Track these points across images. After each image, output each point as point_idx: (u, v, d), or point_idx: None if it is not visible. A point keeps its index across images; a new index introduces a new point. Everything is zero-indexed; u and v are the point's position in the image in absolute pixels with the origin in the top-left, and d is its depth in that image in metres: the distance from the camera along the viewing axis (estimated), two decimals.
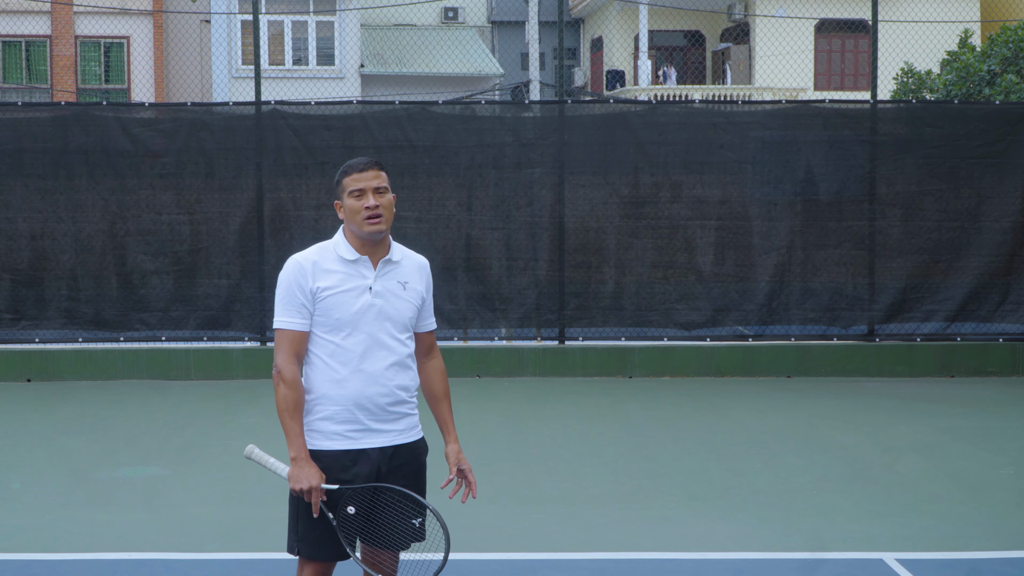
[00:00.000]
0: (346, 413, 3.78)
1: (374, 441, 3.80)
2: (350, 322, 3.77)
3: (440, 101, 11.74)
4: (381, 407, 3.80)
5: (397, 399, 3.82)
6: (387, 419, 3.81)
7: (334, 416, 3.78)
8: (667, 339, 11.49)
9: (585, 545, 5.96)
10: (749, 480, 7.31)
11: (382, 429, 3.81)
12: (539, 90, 20.20)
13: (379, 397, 3.79)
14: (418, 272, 3.95)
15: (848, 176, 11.44)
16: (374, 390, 3.78)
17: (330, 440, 3.78)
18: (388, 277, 3.86)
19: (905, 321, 11.52)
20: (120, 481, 7.32)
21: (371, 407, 3.79)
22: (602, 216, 11.43)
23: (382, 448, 3.81)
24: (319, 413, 3.80)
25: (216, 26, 24.52)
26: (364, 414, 3.78)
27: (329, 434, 3.78)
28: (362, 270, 3.83)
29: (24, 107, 11.60)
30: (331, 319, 3.78)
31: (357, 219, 3.80)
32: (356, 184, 3.81)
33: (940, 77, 17.77)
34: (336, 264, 3.82)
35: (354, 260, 3.83)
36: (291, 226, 11.33)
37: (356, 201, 3.81)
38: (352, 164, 3.86)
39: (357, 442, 3.78)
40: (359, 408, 3.77)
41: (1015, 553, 5.82)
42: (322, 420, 3.79)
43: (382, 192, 3.83)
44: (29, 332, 11.30)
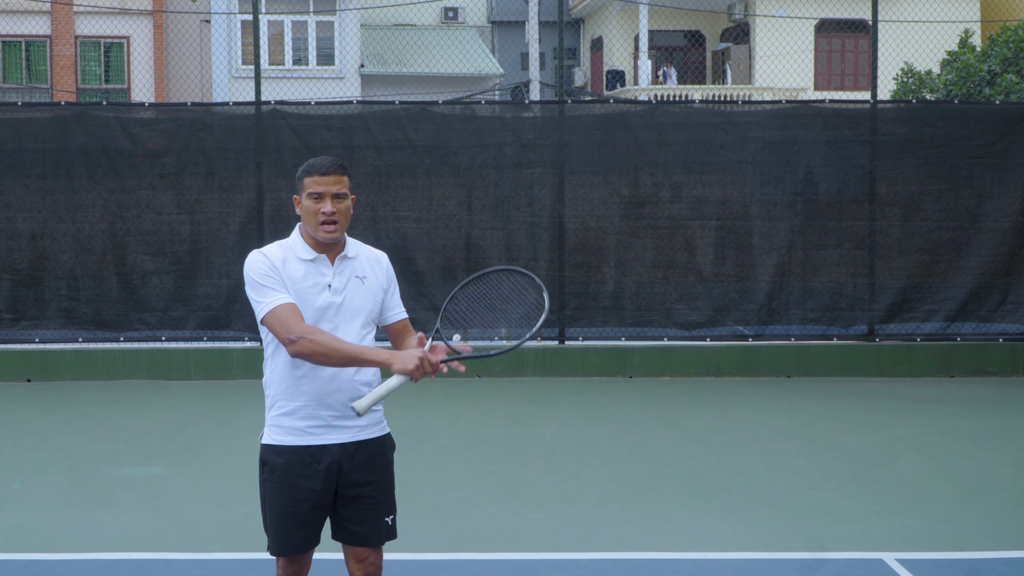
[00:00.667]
0: (307, 409, 3.78)
1: (335, 437, 3.80)
2: (311, 319, 3.76)
3: (440, 101, 11.75)
4: (343, 403, 3.78)
5: (358, 394, 3.79)
6: (349, 415, 3.80)
7: (295, 412, 3.79)
8: (667, 339, 11.49)
9: (585, 545, 5.96)
10: (749, 480, 7.31)
11: (344, 425, 3.80)
12: (539, 90, 20.21)
13: (340, 393, 3.78)
14: (376, 265, 3.96)
15: (848, 176, 11.44)
16: (335, 386, 3.77)
17: (290, 435, 3.79)
18: (345, 273, 3.87)
19: (905, 321, 11.52)
20: (120, 481, 7.32)
21: (332, 403, 3.78)
22: (602, 216, 11.43)
23: (343, 444, 3.81)
24: (280, 409, 3.81)
25: (216, 26, 24.52)
26: (325, 410, 3.78)
27: (290, 429, 3.79)
28: (321, 268, 3.85)
29: (24, 107, 11.60)
30: None
31: (312, 221, 3.83)
32: (316, 187, 3.81)
33: (940, 77, 17.77)
34: (295, 262, 3.85)
35: (312, 259, 3.85)
36: (291, 226, 11.14)
37: (314, 203, 3.82)
38: (315, 165, 3.84)
39: (318, 438, 3.78)
40: (320, 405, 3.77)
41: (1015, 553, 5.82)
42: (283, 416, 3.80)
43: (341, 198, 3.83)
44: (29, 332, 11.30)
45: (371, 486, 3.87)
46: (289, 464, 3.78)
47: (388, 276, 4.00)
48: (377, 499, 3.88)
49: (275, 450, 3.80)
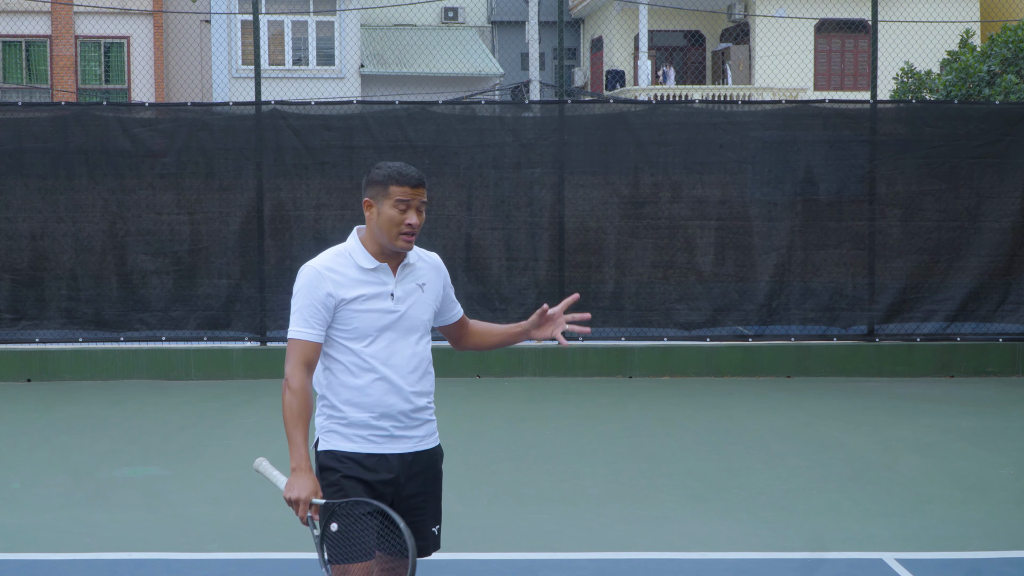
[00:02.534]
0: (371, 420, 3.69)
1: (396, 447, 3.72)
2: (372, 330, 3.68)
3: (440, 101, 11.74)
4: (404, 413, 3.71)
5: (418, 406, 3.74)
6: (409, 426, 3.72)
7: (357, 422, 3.69)
8: (667, 339, 11.49)
9: (585, 545, 5.96)
10: (749, 480, 7.31)
11: (404, 435, 3.73)
12: (539, 90, 20.22)
13: (401, 403, 3.70)
14: (435, 271, 3.85)
15: (848, 176, 11.43)
16: (396, 397, 3.69)
17: (351, 442, 3.69)
18: (407, 281, 3.76)
19: (905, 321, 11.51)
20: (120, 481, 7.32)
21: (394, 414, 3.70)
22: (602, 216, 11.42)
23: (402, 455, 3.73)
24: (342, 420, 3.71)
25: (216, 26, 24.52)
26: (387, 421, 3.70)
27: (350, 436, 3.69)
28: (382, 277, 3.72)
29: (24, 107, 11.60)
30: (351, 327, 3.68)
31: (392, 231, 3.67)
32: (404, 196, 3.66)
33: (940, 77, 17.77)
34: (355, 272, 3.69)
35: (374, 268, 3.71)
36: (291, 226, 11.33)
37: (399, 213, 3.66)
38: (405, 174, 3.69)
39: (379, 446, 3.70)
40: (383, 416, 3.69)
41: (1015, 553, 5.82)
42: (344, 426, 3.70)
43: (422, 210, 3.72)
44: (29, 332, 11.30)
45: (422, 497, 3.79)
46: (347, 466, 3.68)
47: (444, 278, 3.91)
48: (425, 510, 3.80)
49: (334, 455, 3.70)
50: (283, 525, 6.22)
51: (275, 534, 6.09)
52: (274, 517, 6.39)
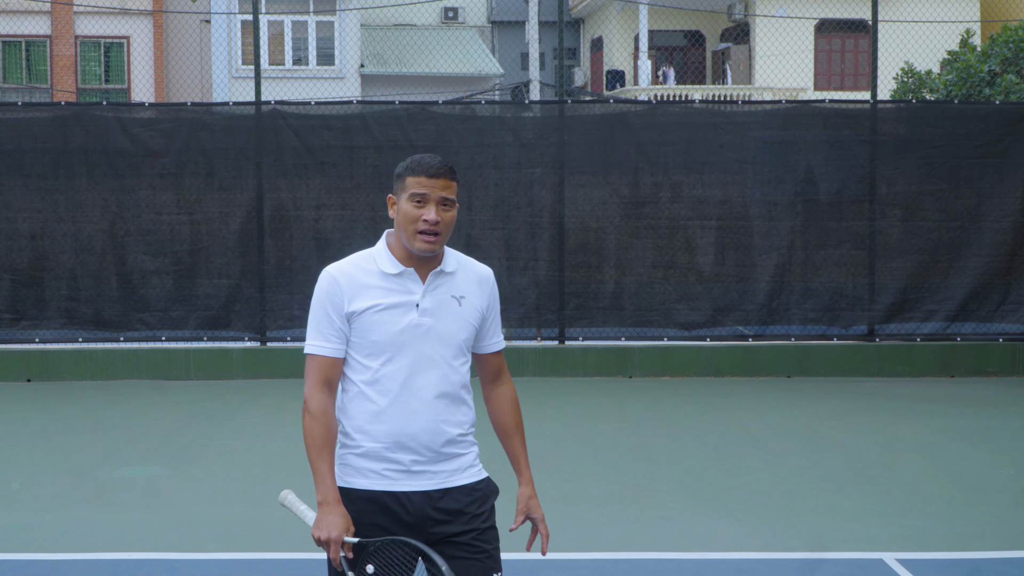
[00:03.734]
0: (384, 451, 3.19)
1: (416, 484, 3.20)
2: (391, 345, 3.18)
3: (440, 101, 11.74)
4: (425, 446, 3.20)
5: (446, 437, 3.23)
6: (434, 460, 3.22)
7: (370, 453, 3.20)
8: (667, 339, 11.49)
9: (585, 545, 5.96)
10: (749, 480, 7.31)
11: (427, 471, 3.21)
12: (539, 90, 20.20)
13: (423, 434, 3.19)
14: (478, 285, 3.33)
15: (848, 176, 11.43)
16: (418, 426, 3.19)
17: (365, 477, 3.20)
18: (440, 291, 3.25)
19: (905, 321, 11.51)
20: (120, 481, 7.32)
21: (414, 445, 3.19)
22: (602, 216, 11.42)
23: (427, 492, 3.21)
24: (355, 449, 3.22)
25: (216, 26, 24.52)
26: (405, 453, 3.19)
27: (364, 471, 3.20)
28: (408, 284, 3.23)
29: (24, 107, 11.60)
30: (367, 341, 3.20)
31: (409, 229, 3.21)
32: (420, 188, 3.20)
33: (940, 77, 17.77)
34: (376, 278, 3.23)
35: (398, 273, 3.23)
36: (291, 226, 11.33)
37: (415, 208, 3.21)
38: (423, 163, 3.24)
39: (396, 483, 3.19)
40: (399, 447, 3.18)
41: (1015, 553, 5.82)
42: (357, 456, 3.22)
43: (448, 205, 3.24)
44: (29, 332, 11.30)
45: (467, 536, 3.25)
46: (362, 512, 3.18)
47: (491, 298, 3.37)
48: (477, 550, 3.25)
49: (346, 494, 3.18)
50: (283, 525, 6.22)
51: (275, 534, 6.09)
52: (274, 517, 6.39)
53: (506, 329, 11.56)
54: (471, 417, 3.33)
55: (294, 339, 11.36)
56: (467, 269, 3.35)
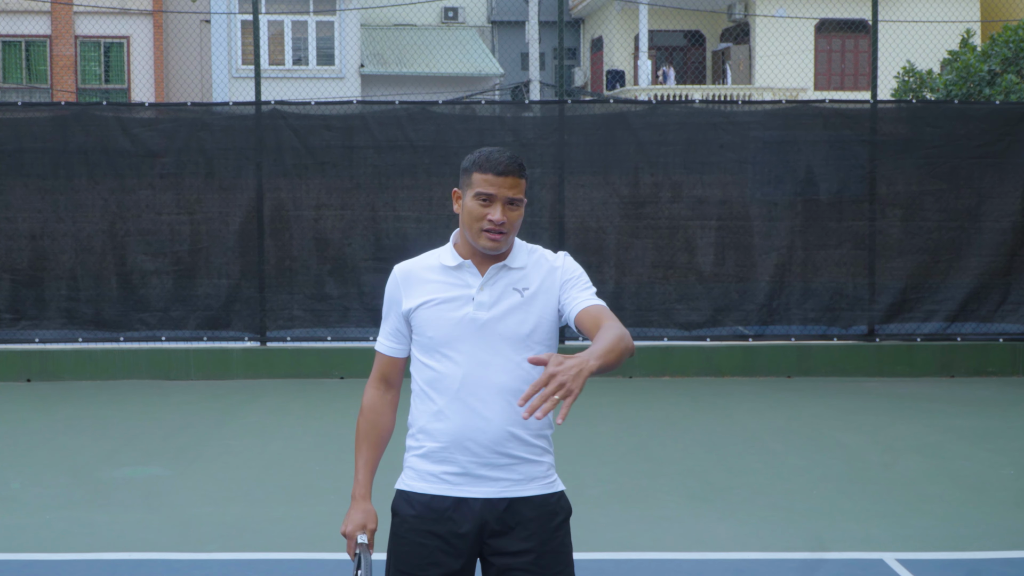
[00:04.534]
0: (443, 452, 3.07)
1: (478, 490, 3.05)
2: (447, 342, 3.06)
3: (440, 101, 11.74)
4: (487, 448, 3.04)
5: (511, 439, 3.06)
6: (496, 464, 3.06)
7: (431, 455, 3.09)
8: (667, 339, 11.49)
9: (585, 545, 5.95)
10: (749, 480, 7.31)
11: (489, 476, 3.05)
12: (539, 90, 20.21)
13: (484, 436, 3.04)
14: (548, 274, 3.13)
15: (848, 176, 11.43)
16: (478, 425, 3.03)
17: (424, 481, 3.10)
18: (500, 284, 3.09)
19: (905, 321, 11.51)
20: (120, 481, 7.32)
21: (474, 447, 3.04)
22: (602, 216, 11.42)
23: (488, 500, 3.05)
24: (416, 450, 3.13)
25: (216, 26, 24.52)
26: (465, 455, 3.05)
27: (424, 474, 3.10)
28: (466, 277, 3.10)
29: (24, 107, 11.60)
30: (425, 338, 3.10)
31: (474, 227, 3.07)
32: (487, 187, 3.06)
33: (941, 77, 17.77)
34: (435, 272, 3.13)
35: (456, 266, 3.11)
36: (291, 226, 11.32)
37: (480, 207, 3.07)
38: (491, 159, 3.09)
39: (455, 488, 3.06)
40: (458, 447, 3.05)
41: (1015, 553, 5.82)
42: (418, 458, 3.12)
43: (515, 205, 3.07)
44: (29, 332, 11.30)
45: (528, 556, 3.04)
46: (420, 517, 3.07)
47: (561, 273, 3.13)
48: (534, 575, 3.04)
49: (406, 497, 3.12)
50: (283, 525, 6.23)
51: (275, 534, 6.09)
52: (274, 517, 6.40)
53: None
54: (546, 421, 3.14)
55: (294, 339, 11.36)
56: (538, 263, 3.16)
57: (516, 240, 3.17)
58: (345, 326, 11.29)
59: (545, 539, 3.07)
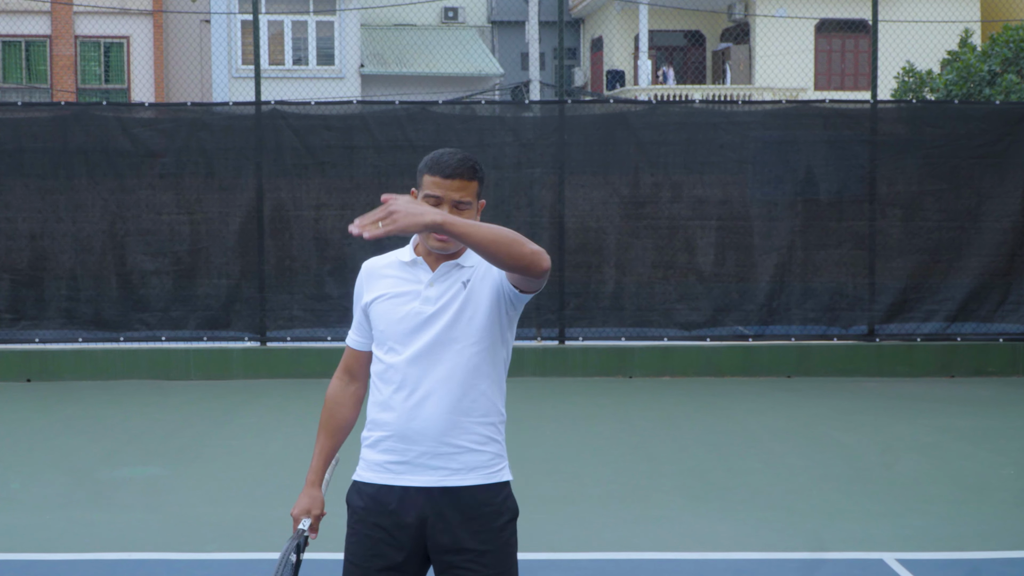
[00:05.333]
0: (388, 442, 3.17)
1: (419, 479, 3.14)
2: (393, 335, 3.17)
3: (440, 101, 11.74)
4: (428, 437, 3.13)
5: (451, 427, 3.14)
6: (438, 454, 3.14)
7: (377, 444, 3.20)
8: (667, 339, 11.49)
9: (585, 545, 5.96)
10: (749, 480, 7.31)
11: (430, 465, 3.14)
12: (539, 90, 20.20)
13: (424, 425, 3.13)
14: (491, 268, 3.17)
15: (848, 176, 11.43)
16: (420, 415, 3.13)
17: (372, 471, 3.21)
18: (449, 279, 3.17)
19: (905, 321, 11.51)
20: (120, 481, 7.31)
21: (416, 437, 3.13)
22: (602, 216, 11.42)
23: (427, 489, 3.13)
24: (367, 440, 3.24)
25: (216, 26, 24.51)
26: (408, 444, 3.14)
27: (371, 464, 3.21)
28: (418, 273, 3.19)
29: (24, 107, 11.60)
30: (377, 331, 3.22)
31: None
32: (435, 190, 3.12)
33: (941, 77, 17.77)
34: (393, 268, 3.23)
35: (410, 262, 3.20)
36: (291, 226, 11.32)
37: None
38: (439, 162, 3.14)
39: (398, 476, 3.16)
40: (401, 437, 3.15)
41: (1015, 553, 5.82)
42: (367, 447, 3.24)
43: (463, 207, 3.11)
44: (29, 332, 11.30)
45: (469, 555, 3.09)
46: (367, 509, 3.17)
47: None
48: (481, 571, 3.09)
49: (357, 488, 3.23)
50: (283, 525, 6.22)
51: (275, 534, 6.09)
52: (274, 517, 6.39)
53: None
54: (486, 408, 3.24)
55: (294, 339, 11.36)
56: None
57: None
58: (345, 326, 11.19)
59: (488, 538, 3.12)
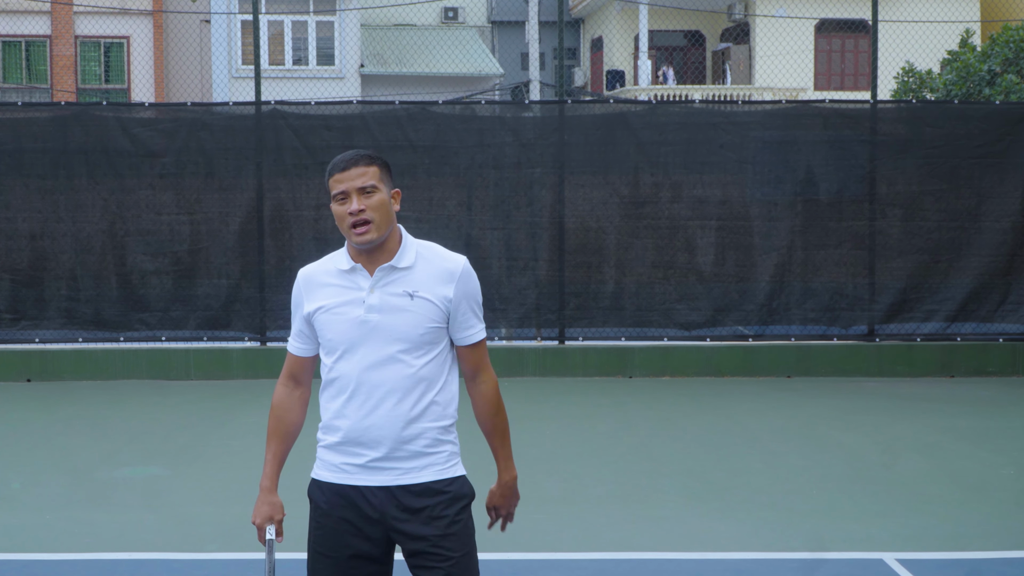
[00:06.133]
0: (344, 446, 3.30)
1: (376, 479, 3.27)
2: (342, 343, 3.27)
3: (440, 101, 11.74)
4: (381, 442, 3.26)
5: (405, 433, 3.27)
6: (392, 456, 3.27)
7: (333, 447, 3.33)
8: (667, 339, 11.49)
9: (585, 545, 5.96)
10: (749, 480, 7.31)
11: (383, 467, 3.26)
12: (539, 90, 20.19)
13: (378, 430, 3.25)
14: (440, 277, 3.29)
15: (848, 176, 11.43)
16: (373, 421, 3.26)
17: (329, 471, 3.34)
18: (390, 287, 3.26)
19: (905, 321, 11.51)
20: (120, 481, 7.32)
21: (368, 441, 3.26)
22: (602, 216, 11.42)
23: (387, 488, 3.26)
24: (322, 441, 3.37)
25: (216, 26, 24.52)
26: (362, 448, 3.27)
27: (329, 465, 3.34)
28: (358, 280, 3.28)
29: (24, 107, 11.60)
30: (325, 339, 3.33)
31: (343, 227, 3.25)
32: (338, 186, 3.23)
33: (940, 77, 17.77)
34: (332, 276, 3.31)
35: (349, 269, 3.29)
36: (291, 226, 11.32)
37: (340, 206, 3.24)
38: (334, 164, 3.26)
39: (355, 477, 3.28)
40: (354, 442, 3.28)
41: (1015, 553, 5.81)
42: (325, 449, 3.37)
43: (370, 192, 3.22)
44: (29, 332, 11.30)
45: (429, 541, 3.25)
46: (331, 504, 3.31)
47: (460, 289, 3.31)
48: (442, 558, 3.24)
49: (318, 485, 3.37)
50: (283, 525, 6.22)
51: None
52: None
53: (506, 329, 11.56)
54: (441, 413, 3.38)
55: None
56: (429, 261, 3.31)
57: (406, 238, 3.33)
58: None
59: (444, 524, 3.27)
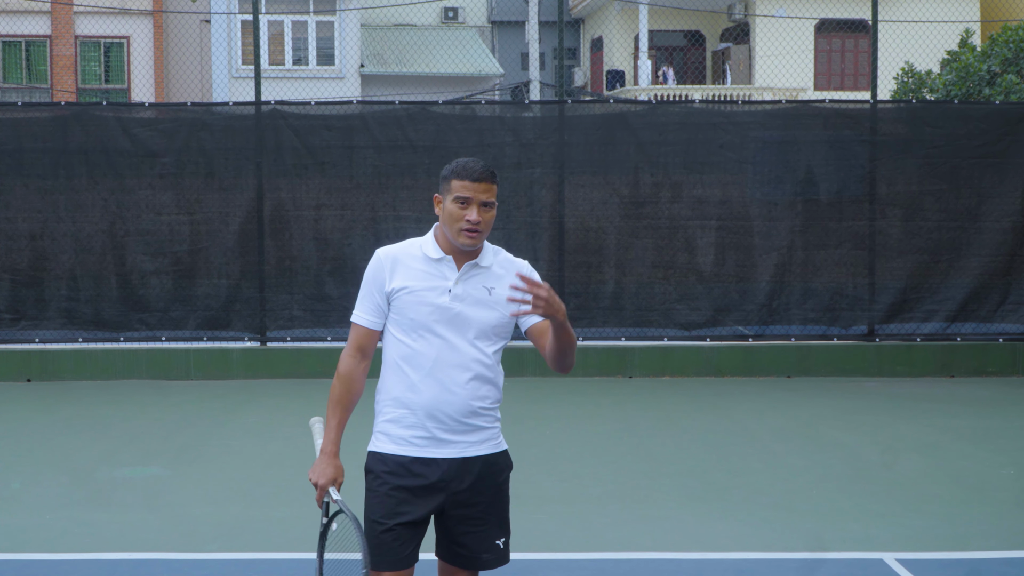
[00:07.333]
0: (413, 419, 3.60)
1: (441, 451, 3.61)
2: (424, 325, 3.59)
3: (440, 101, 11.74)
4: (451, 417, 3.60)
5: (470, 410, 3.62)
6: (458, 430, 3.62)
7: (401, 420, 3.62)
8: (667, 339, 11.49)
9: (585, 545, 5.96)
10: (749, 480, 7.31)
11: (450, 440, 3.62)
12: (539, 90, 20.21)
13: (449, 407, 3.59)
14: (512, 278, 3.60)
15: (848, 176, 11.43)
16: (446, 398, 3.59)
17: (396, 444, 3.62)
18: (472, 281, 3.63)
19: (905, 321, 11.51)
20: (120, 481, 7.32)
21: (441, 417, 3.60)
22: (602, 216, 11.42)
23: (450, 459, 3.62)
24: (387, 415, 3.65)
25: (216, 26, 24.52)
26: (433, 423, 3.60)
27: (395, 438, 3.63)
28: (444, 270, 3.63)
29: (24, 107, 11.60)
30: (406, 319, 3.61)
31: (454, 227, 3.58)
32: (464, 192, 3.56)
33: (940, 77, 17.77)
34: (419, 262, 3.63)
35: (438, 259, 3.63)
36: (291, 226, 11.32)
37: (459, 209, 3.57)
38: (467, 168, 3.59)
39: (423, 449, 3.60)
40: (428, 417, 3.59)
41: (1015, 553, 5.82)
42: (389, 423, 3.64)
43: (488, 207, 3.60)
44: (29, 332, 11.30)
45: (478, 507, 3.69)
46: (392, 473, 3.60)
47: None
48: (485, 520, 3.72)
49: (380, 457, 3.64)
50: (283, 525, 6.23)
51: (275, 534, 6.10)
52: (274, 517, 6.40)
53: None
54: (495, 395, 3.71)
55: (294, 339, 11.36)
56: (503, 264, 3.70)
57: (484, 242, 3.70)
58: (345, 326, 11.27)
59: (494, 492, 3.73)
